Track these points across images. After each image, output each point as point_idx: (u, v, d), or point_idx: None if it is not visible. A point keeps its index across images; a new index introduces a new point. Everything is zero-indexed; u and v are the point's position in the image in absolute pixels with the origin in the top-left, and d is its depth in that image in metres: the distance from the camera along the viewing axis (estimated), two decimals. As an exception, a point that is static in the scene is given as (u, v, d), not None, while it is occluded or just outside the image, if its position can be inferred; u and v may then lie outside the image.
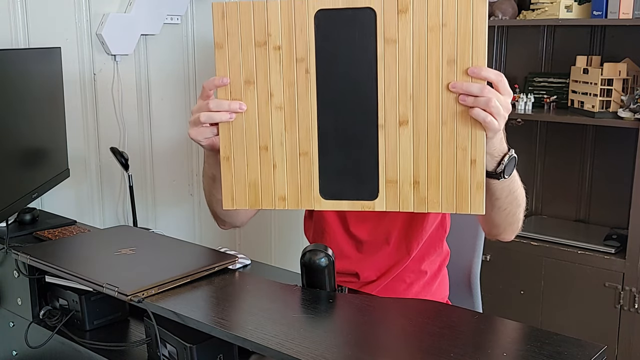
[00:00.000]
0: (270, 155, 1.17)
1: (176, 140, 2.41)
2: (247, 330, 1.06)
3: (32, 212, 1.79)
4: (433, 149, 1.11)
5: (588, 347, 0.99)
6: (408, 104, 1.11)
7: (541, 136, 2.86)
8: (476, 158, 1.10)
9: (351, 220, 1.54)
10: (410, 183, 1.12)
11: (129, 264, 1.32)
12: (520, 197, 1.29)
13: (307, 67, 1.14)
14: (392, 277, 1.53)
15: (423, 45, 1.09)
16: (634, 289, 2.39)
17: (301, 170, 1.17)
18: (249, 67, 1.16)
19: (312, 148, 1.16)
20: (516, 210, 1.30)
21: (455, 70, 1.08)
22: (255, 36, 1.15)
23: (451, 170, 1.11)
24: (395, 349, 1.03)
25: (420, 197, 1.12)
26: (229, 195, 1.19)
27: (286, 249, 2.83)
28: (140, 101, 2.26)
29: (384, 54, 1.10)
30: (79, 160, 2.10)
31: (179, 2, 2.30)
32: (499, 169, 1.17)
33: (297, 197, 1.17)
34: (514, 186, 1.25)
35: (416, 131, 1.11)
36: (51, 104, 1.86)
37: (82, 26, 2.06)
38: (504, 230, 1.35)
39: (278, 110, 1.16)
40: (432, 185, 1.12)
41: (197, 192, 2.50)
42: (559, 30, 2.77)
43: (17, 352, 1.56)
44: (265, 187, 1.18)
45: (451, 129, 1.10)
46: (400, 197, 1.13)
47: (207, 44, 2.47)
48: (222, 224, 1.53)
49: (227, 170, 1.19)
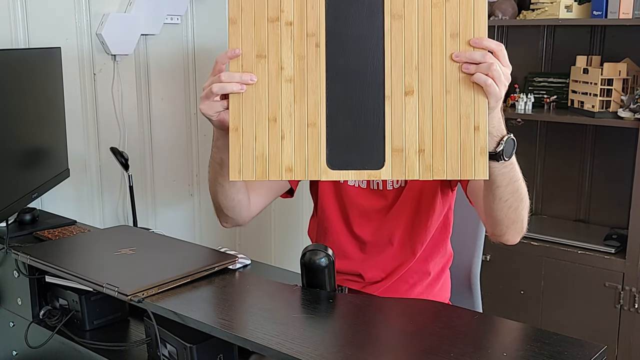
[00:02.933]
0: (278, 126, 1.19)
1: (176, 140, 2.41)
2: (247, 330, 1.06)
3: (32, 212, 1.79)
4: (438, 117, 1.14)
5: (588, 347, 0.99)
6: (413, 75, 1.15)
7: (541, 136, 2.86)
8: (479, 124, 1.13)
9: (354, 221, 1.54)
10: (416, 151, 1.15)
11: (129, 264, 1.32)
12: (522, 191, 1.29)
13: (317, 41, 1.18)
14: (397, 277, 1.53)
15: (427, 20, 1.14)
16: (634, 289, 2.39)
17: (309, 141, 1.18)
18: (261, 42, 1.20)
19: (320, 119, 1.18)
20: (518, 205, 1.29)
21: (459, 43, 1.13)
22: (268, 12, 1.19)
23: (455, 137, 1.14)
24: (395, 349, 1.03)
25: (426, 164, 1.15)
26: (236, 166, 1.20)
27: (286, 249, 2.83)
28: (140, 101, 2.26)
29: (391, 29, 1.15)
30: (79, 160, 2.10)
31: (179, 2, 2.30)
32: (498, 149, 1.18)
33: (304, 167, 1.18)
34: (514, 175, 1.25)
35: (421, 100, 1.15)
36: (51, 104, 1.86)
37: (82, 26, 2.06)
38: (507, 228, 1.33)
39: (288, 82, 1.19)
40: (437, 153, 1.14)
41: (197, 192, 2.50)
42: (559, 30, 2.77)
43: (17, 352, 1.56)
44: (272, 158, 1.19)
45: (455, 97, 1.14)
46: (406, 165, 1.15)
47: (207, 43, 2.47)
48: (225, 220, 1.51)
49: (235, 141, 1.20)
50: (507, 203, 1.27)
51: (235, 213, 1.48)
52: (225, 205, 1.46)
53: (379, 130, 1.16)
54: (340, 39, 1.18)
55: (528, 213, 1.34)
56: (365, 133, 1.17)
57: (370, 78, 1.16)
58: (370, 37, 1.16)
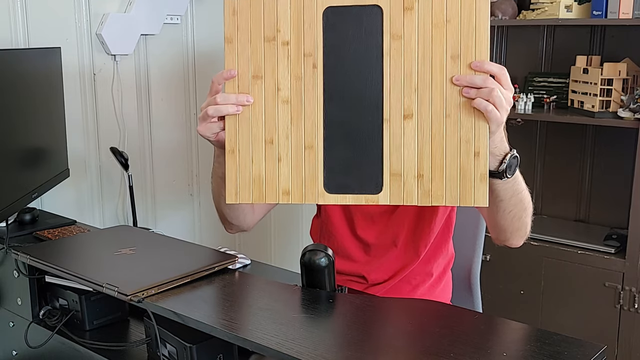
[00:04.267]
0: (275, 149, 1.18)
1: (176, 140, 2.41)
2: (247, 330, 1.06)
3: (32, 212, 1.79)
4: (437, 141, 1.13)
5: (588, 347, 0.99)
6: (413, 98, 1.13)
7: (541, 136, 2.86)
8: (479, 150, 1.11)
9: (358, 224, 1.54)
10: (415, 176, 1.13)
11: (129, 264, 1.32)
12: (526, 200, 1.29)
13: (315, 62, 1.15)
14: (400, 279, 1.53)
15: (428, 41, 1.12)
16: (634, 289, 2.39)
17: (306, 164, 1.17)
18: (257, 62, 1.18)
19: (317, 141, 1.16)
20: (522, 214, 1.29)
21: (459, 65, 1.10)
22: (264, 32, 1.17)
23: (455, 162, 1.12)
24: (395, 349, 1.03)
25: (425, 190, 1.13)
26: (233, 189, 1.19)
27: (286, 249, 2.83)
28: (140, 101, 2.26)
29: (390, 50, 1.13)
30: (79, 160, 2.10)
31: (178, 2, 2.30)
32: (501, 168, 1.17)
33: (301, 191, 1.17)
34: (518, 187, 1.25)
35: (420, 124, 1.13)
36: (51, 104, 1.86)
37: (82, 26, 2.06)
38: (512, 235, 1.34)
39: (285, 103, 1.17)
40: (435, 178, 1.13)
41: (197, 192, 2.50)
42: (558, 30, 2.77)
43: (17, 352, 1.56)
44: (269, 181, 1.19)
45: (455, 121, 1.12)
46: (405, 190, 1.14)
47: (207, 43, 2.47)
48: (230, 227, 1.53)
49: (231, 163, 1.19)
50: (511, 214, 1.28)
51: (240, 220, 1.49)
52: (230, 215, 1.47)
53: (377, 154, 1.14)
54: (338, 60, 1.15)
55: (532, 217, 1.34)
56: (362, 156, 1.15)
57: (368, 100, 1.14)
58: (368, 57, 1.14)
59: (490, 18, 2.66)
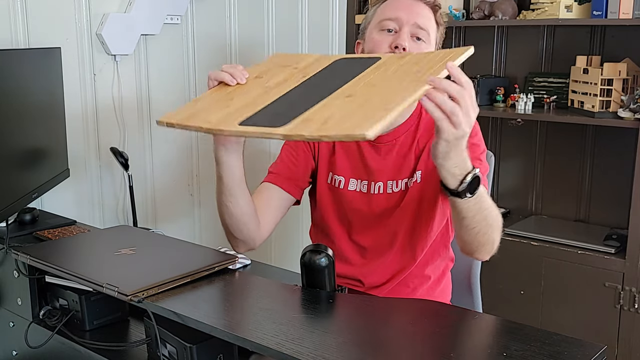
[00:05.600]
0: (227, 107, 1.23)
1: (176, 140, 2.41)
2: (247, 330, 1.06)
3: (32, 212, 1.79)
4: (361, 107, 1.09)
5: (588, 347, 0.99)
6: (366, 90, 1.15)
7: (541, 136, 2.86)
8: (392, 109, 1.05)
9: (355, 227, 1.54)
10: (323, 120, 1.08)
11: (129, 264, 1.32)
12: (491, 217, 1.28)
13: (306, 74, 1.28)
14: (397, 282, 1.53)
15: (403, 69, 1.19)
16: (634, 289, 2.39)
17: (239, 112, 1.20)
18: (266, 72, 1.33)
19: (262, 104, 1.21)
20: (487, 230, 1.28)
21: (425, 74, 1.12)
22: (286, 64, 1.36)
23: (364, 109, 1.08)
24: (395, 348, 1.03)
25: (322, 127, 1.07)
26: (171, 116, 1.25)
27: (286, 249, 2.83)
28: (140, 101, 2.26)
29: (370, 71, 1.22)
30: (79, 160, 2.10)
31: (179, 2, 2.30)
32: (461, 187, 1.17)
33: (219, 123, 1.19)
34: (481, 205, 1.24)
35: (357, 101, 1.11)
36: (51, 104, 1.86)
37: (82, 26, 2.06)
38: (477, 249, 1.33)
39: (263, 87, 1.27)
40: (338, 121, 1.07)
41: (197, 192, 2.50)
42: (559, 30, 2.77)
43: (17, 352, 1.56)
44: (202, 115, 1.23)
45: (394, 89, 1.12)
46: (304, 126, 1.09)
47: (207, 43, 2.47)
48: (236, 243, 1.51)
49: (189, 106, 1.27)
50: (474, 230, 1.27)
51: (244, 235, 1.47)
52: (232, 226, 1.45)
53: (302, 110, 1.13)
54: (327, 73, 1.27)
55: (500, 233, 1.33)
56: (289, 109, 1.16)
57: (327, 88, 1.18)
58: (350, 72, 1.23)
59: (490, 18, 2.67)
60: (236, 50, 2.57)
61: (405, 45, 1.42)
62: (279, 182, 1.55)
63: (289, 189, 1.55)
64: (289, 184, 1.55)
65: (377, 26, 1.47)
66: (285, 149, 1.59)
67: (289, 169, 1.56)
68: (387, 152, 1.50)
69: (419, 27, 1.44)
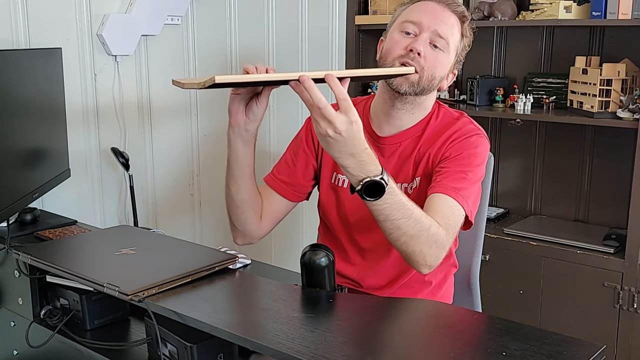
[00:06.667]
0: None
1: (176, 140, 2.42)
2: (248, 330, 1.07)
3: (33, 212, 1.80)
4: None
5: (587, 346, 0.99)
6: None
7: (540, 136, 2.86)
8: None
9: (355, 227, 1.54)
10: None
11: (130, 264, 1.32)
12: (410, 229, 1.25)
13: None
14: (398, 286, 1.53)
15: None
16: (633, 289, 2.39)
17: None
18: None
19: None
20: (403, 239, 1.27)
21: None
22: None
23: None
24: (395, 348, 1.03)
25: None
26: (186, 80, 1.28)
27: (286, 248, 2.83)
28: (141, 101, 2.26)
29: None
30: (80, 161, 2.10)
31: (179, 2, 2.30)
32: (357, 188, 1.21)
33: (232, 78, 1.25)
34: (390, 214, 1.24)
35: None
36: (52, 105, 1.86)
37: (82, 27, 2.06)
38: (408, 259, 1.32)
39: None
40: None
41: (198, 192, 2.51)
42: (558, 30, 2.77)
43: (18, 351, 1.56)
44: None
45: None
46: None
47: (207, 44, 2.47)
48: (236, 234, 1.55)
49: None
50: (391, 237, 1.28)
51: (244, 225, 1.52)
52: (235, 213, 1.49)
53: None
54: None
55: (439, 249, 1.30)
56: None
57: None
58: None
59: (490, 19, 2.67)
60: (236, 51, 2.58)
61: (421, 50, 1.40)
62: (275, 186, 1.58)
63: (286, 193, 1.58)
64: (285, 188, 1.58)
65: (398, 27, 1.46)
66: (289, 149, 1.62)
67: (287, 173, 1.59)
68: (390, 154, 1.51)
69: (438, 35, 1.42)
